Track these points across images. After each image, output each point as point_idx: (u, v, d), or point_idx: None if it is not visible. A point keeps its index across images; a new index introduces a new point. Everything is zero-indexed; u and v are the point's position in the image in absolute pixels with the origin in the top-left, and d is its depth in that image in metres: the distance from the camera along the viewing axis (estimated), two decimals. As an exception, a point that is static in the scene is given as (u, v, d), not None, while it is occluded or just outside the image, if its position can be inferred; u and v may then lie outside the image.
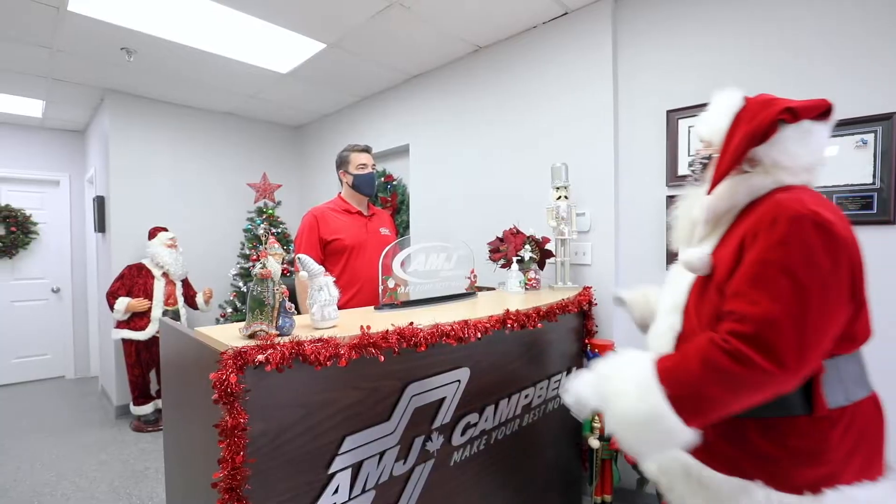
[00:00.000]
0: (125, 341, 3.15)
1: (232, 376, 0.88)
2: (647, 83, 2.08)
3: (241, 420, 0.89)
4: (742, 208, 0.91)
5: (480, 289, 2.01)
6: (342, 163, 2.16)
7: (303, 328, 1.13)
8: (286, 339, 0.98)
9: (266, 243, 1.02)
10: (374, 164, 2.16)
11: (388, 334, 1.08)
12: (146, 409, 3.20)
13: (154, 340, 3.13)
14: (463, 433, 1.41)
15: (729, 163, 0.88)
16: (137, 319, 3.13)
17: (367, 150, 2.16)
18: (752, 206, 0.88)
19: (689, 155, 1.94)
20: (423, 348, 1.14)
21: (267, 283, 0.98)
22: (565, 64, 2.33)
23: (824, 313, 0.74)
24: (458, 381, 1.37)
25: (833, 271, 0.75)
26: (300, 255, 1.11)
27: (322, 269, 1.13)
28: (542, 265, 2.05)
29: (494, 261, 2.05)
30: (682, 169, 1.95)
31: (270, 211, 4.11)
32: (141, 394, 3.20)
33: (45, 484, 2.49)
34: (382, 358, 1.06)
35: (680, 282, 0.98)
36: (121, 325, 3.12)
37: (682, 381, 0.78)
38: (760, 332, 0.73)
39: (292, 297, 1.41)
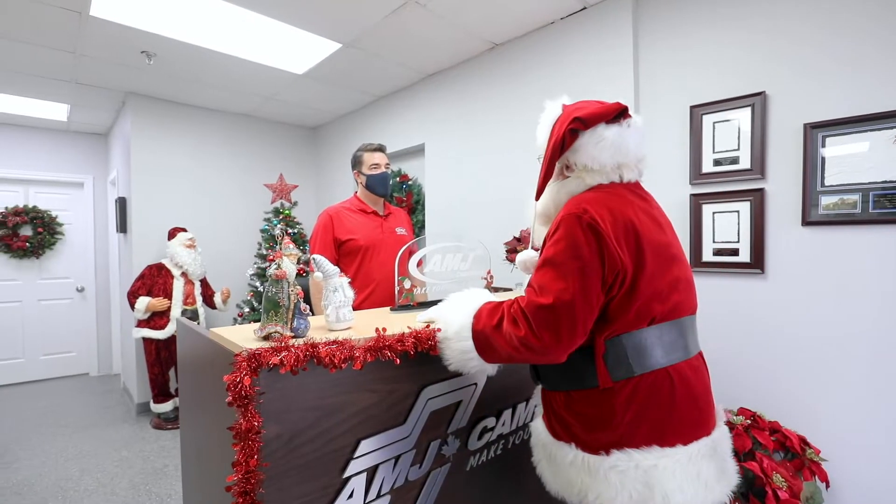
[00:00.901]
0: (145, 340, 3.20)
1: (246, 378, 0.87)
2: (670, 78, 2.02)
3: (255, 423, 0.88)
4: None
5: (497, 289, 1.98)
6: (356, 163, 2.14)
7: (317, 330, 1.12)
8: (301, 340, 0.97)
9: (281, 244, 1.00)
10: (387, 164, 2.13)
11: (403, 337, 1.06)
12: (166, 406, 3.25)
13: (173, 339, 3.18)
14: (479, 437, 1.38)
15: (545, 172, 1.00)
16: (157, 318, 3.18)
17: (380, 149, 2.14)
18: None
19: (713, 151, 1.88)
20: (438, 351, 1.11)
21: (282, 284, 0.97)
22: (584, 60, 2.28)
23: (584, 294, 0.87)
24: (475, 384, 1.34)
25: (591, 259, 0.88)
26: (315, 256, 1.09)
27: (337, 269, 1.11)
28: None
29: (511, 261, 2.01)
30: (707, 166, 1.88)
31: (287, 211, 4.14)
32: (161, 392, 3.25)
33: (68, 479, 2.54)
34: (398, 361, 1.04)
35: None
36: (141, 324, 3.18)
37: (482, 322, 1.00)
38: (528, 307, 0.91)
39: (307, 298, 1.40)
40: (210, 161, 3.91)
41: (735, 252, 1.82)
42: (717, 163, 1.86)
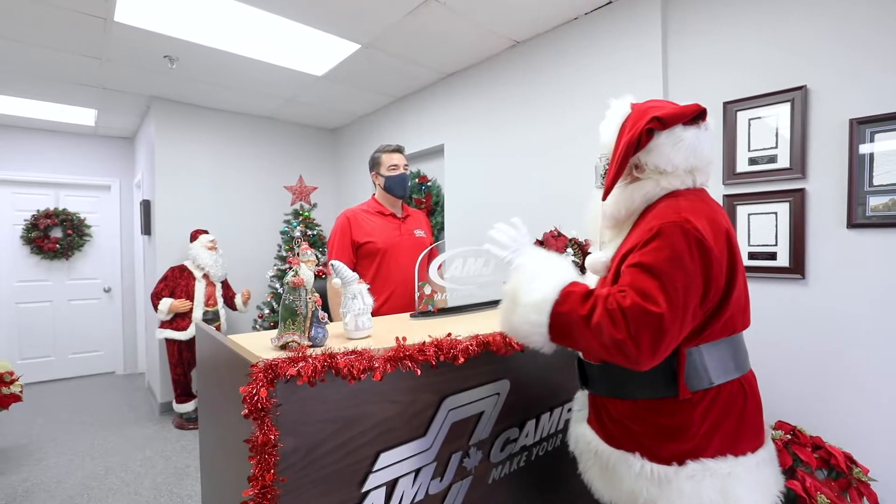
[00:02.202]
0: (168, 341, 3.25)
1: (262, 390, 0.84)
2: (701, 73, 1.93)
3: (272, 436, 0.85)
4: (641, 212, 0.99)
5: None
6: (374, 164, 2.12)
7: (336, 338, 1.09)
8: (319, 350, 0.93)
9: (298, 249, 0.97)
10: (406, 165, 2.10)
11: (424, 346, 1.01)
12: (188, 406, 3.29)
13: (194, 339, 3.21)
14: (502, 449, 1.33)
15: (615, 171, 0.95)
16: (180, 320, 3.22)
17: (398, 150, 2.11)
18: (647, 210, 0.97)
19: (748, 150, 1.78)
20: (461, 361, 1.06)
21: (299, 291, 0.94)
22: (610, 56, 2.20)
23: (684, 311, 0.84)
24: (498, 394, 1.30)
25: (694, 274, 0.85)
26: (333, 262, 1.06)
27: (356, 276, 1.08)
28: (584, 270, 1.93)
29: (533, 265, 1.95)
30: (742, 165, 1.79)
31: (306, 213, 4.15)
32: (183, 392, 3.29)
33: (93, 477, 2.58)
34: (419, 371, 1.00)
35: (591, 281, 1.10)
36: (164, 325, 3.22)
37: (570, 306, 0.91)
38: (633, 309, 0.84)
39: (324, 305, 1.37)
40: (231, 163, 3.95)
41: (772, 256, 1.72)
42: (752, 162, 1.77)
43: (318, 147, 4.50)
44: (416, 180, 3.43)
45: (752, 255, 1.78)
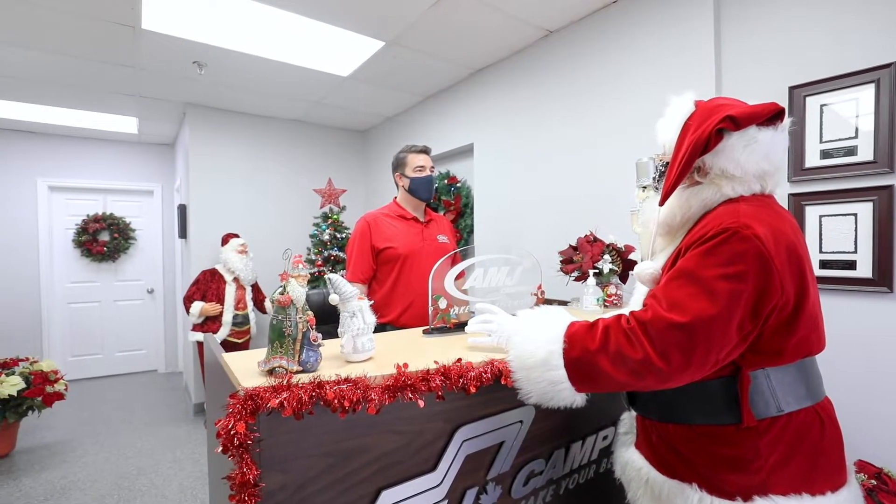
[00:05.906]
0: (199, 343, 3.29)
1: (240, 425, 0.74)
2: (762, 54, 1.69)
3: (251, 476, 0.75)
4: (697, 220, 0.90)
5: (550, 302, 1.75)
6: (398, 165, 2.02)
7: (334, 359, 0.97)
8: (309, 377, 0.82)
9: (288, 265, 0.86)
10: (432, 167, 1.99)
11: (429, 375, 0.88)
12: (219, 409, 3.31)
13: (224, 343, 3.23)
14: (525, 483, 1.19)
15: (677, 173, 0.86)
16: (210, 323, 3.25)
17: (425, 150, 2.00)
18: (704, 216, 0.89)
19: (820, 141, 1.54)
20: (473, 391, 0.92)
21: (288, 311, 0.83)
22: (653, 43, 1.98)
23: (727, 320, 0.75)
24: (521, 421, 1.15)
25: (745, 283, 0.76)
26: (330, 276, 0.95)
27: (356, 291, 0.96)
28: (624, 278, 1.74)
29: (567, 273, 1.78)
30: (812, 160, 1.54)
31: (335, 216, 4.12)
32: (214, 394, 3.32)
33: (125, 477, 2.63)
34: (422, 403, 0.87)
35: (642, 292, 1.01)
36: (196, 327, 3.26)
37: (579, 346, 0.85)
38: (655, 323, 0.77)
39: (325, 322, 1.26)
40: (263, 167, 3.98)
41: (851, 265, 1.47)
42: (825, 155, 1.52)
43: (347, 149, 4.47)
44: (446, 181, 3.31)
45: (824, 264, 1.53)
